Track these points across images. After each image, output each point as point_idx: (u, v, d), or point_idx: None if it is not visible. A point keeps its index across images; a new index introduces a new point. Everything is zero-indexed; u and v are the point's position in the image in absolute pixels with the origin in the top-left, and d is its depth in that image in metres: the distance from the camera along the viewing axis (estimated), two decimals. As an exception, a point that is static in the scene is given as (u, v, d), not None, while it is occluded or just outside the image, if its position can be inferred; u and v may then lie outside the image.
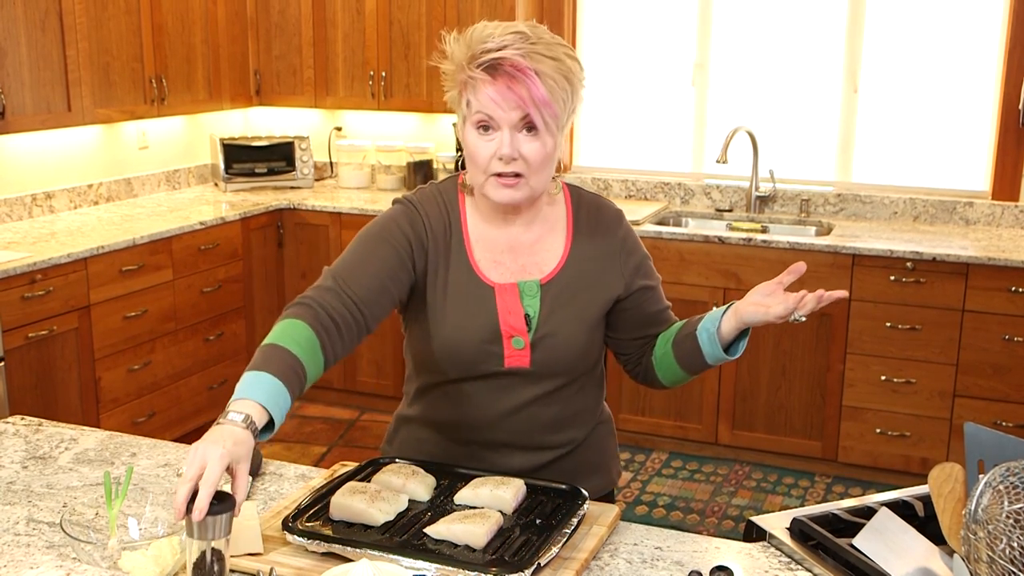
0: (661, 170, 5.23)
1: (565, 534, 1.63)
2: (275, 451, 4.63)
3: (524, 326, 1.83)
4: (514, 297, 1.84)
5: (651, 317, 1.95)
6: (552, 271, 1.86)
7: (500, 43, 1.70)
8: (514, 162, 1.74)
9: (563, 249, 1.88)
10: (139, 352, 4.30)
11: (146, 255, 4.29)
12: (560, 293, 1.85)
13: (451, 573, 1.51)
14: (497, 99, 1.70)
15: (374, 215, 4.90)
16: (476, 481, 1.78)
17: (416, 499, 1.75)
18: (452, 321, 1.84)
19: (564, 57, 1.73)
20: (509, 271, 1.86)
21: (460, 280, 1.85)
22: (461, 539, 1.60)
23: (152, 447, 2.08)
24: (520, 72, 1.68)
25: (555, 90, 1.70)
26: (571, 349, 1.85)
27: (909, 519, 1.66)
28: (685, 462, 4.59)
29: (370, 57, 5.23)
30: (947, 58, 4.66)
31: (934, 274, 4.12)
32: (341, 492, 1.71)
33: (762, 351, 4.44)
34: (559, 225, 1.90)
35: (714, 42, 5.04)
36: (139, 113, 4.71)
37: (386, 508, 1.68)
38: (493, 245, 1.87)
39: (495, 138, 1.73)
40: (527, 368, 1.84)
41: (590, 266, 1.88)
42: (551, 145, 1.75)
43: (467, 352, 1.84)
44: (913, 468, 4.27)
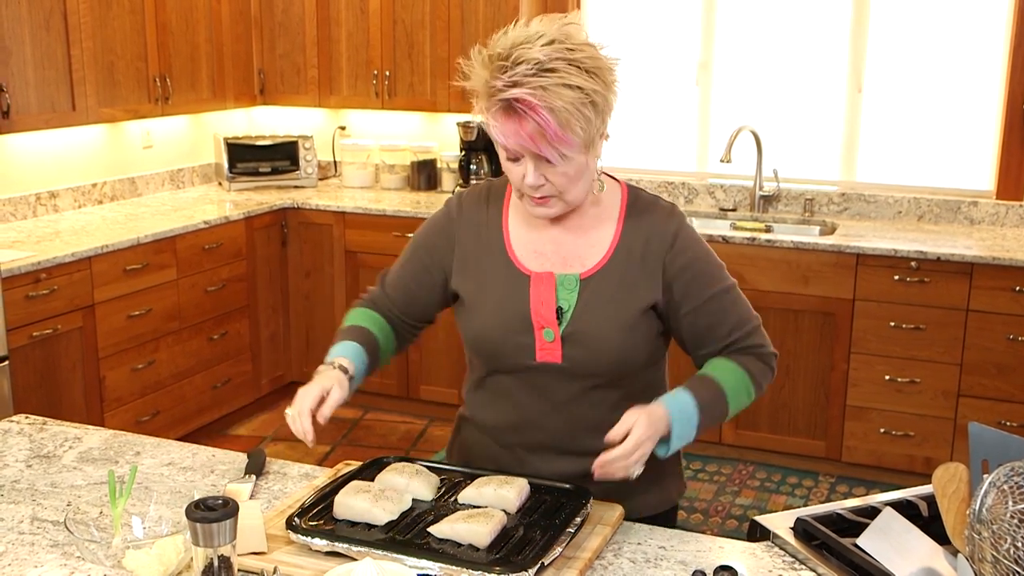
0: (665, 169, 5.22)
1: (569, 533, 1.62)
2: (279, 450, 4.64)
3: (555, 318, 1.80)
4: (550, 288, 1.81)
5: (703, 334, 1.86)
6: (594, 267, 1.82)
7: (510, 79, 1.64)
8: (542, 187, 1.73)
9: (609, 246, 1.83)
10: (143, 351, 4.30)
11: (150, 254, 4.29)
12: (599, 290, 1.81)
13: (455, 572, 1.51)
14: (511, 138, 1.67)
15: (378, 215, 4.92)
16: (480, 480, 1.78)
17: (420, 498, 1.75)
18: (486, 309, 1.85)
19: (587, 80, 1.67)
20: (550, 261, 1.84)
21: (496, 269, 1.85)
22: (465, 538, 1.60)
23: (156, 446, 2.08)
24: (531, 111, 1.63)
25: (571, 122, 1.65)
26: (603, 349, 1.79)
27: (913, 519, 1.66)
28: (689, 461, 4.59)
29: (374, 56, 5.23)
30: (951, 57, 4.65)
31: (938, 274, 4.12)
32: (345, 491, 1.71)
33: (766, 351, 4.43)
34: (609, 221, 1.85)
35: (718, 41, 5.03)
36: (143, 112, 4.71)
37: (390, 507, 1.68)
38: (537, 239, 1.86)
39: (522, 163, 1.72)
40: (559, 364, 1.81)
41: (633, 267, 1.82)
42: (576, 165, 1.72)
43: (498, 341, 1.83)
44: (917, 468, 4.26)
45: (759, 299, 4.37)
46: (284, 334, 5.19)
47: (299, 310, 5.20)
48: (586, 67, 1.68)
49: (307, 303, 5.19)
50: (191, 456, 2.04)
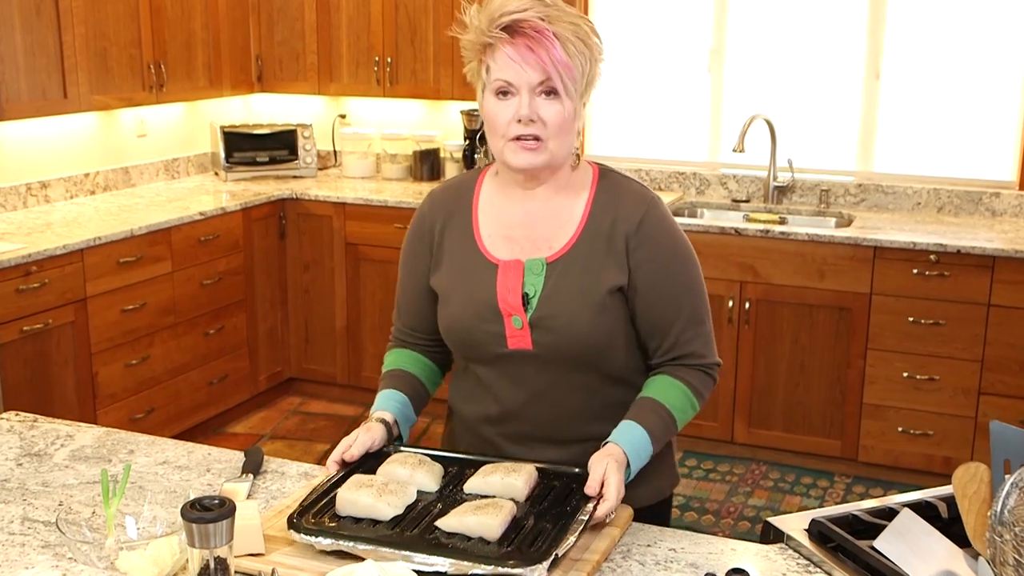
0: (675, 159, 5.22)
1: (581, 522, 1.62)
2: (277, 448, 4.64)
3: (521, 305, 1.84)
4: (516, 275, 1.86)
5: (654, 325, 1.88)
6: (560, 250, 1.86)
7: (519, 7, 1.76)
8: (532, 124, 1.78)
9: (577, 227, 1.87)
10: (137, 346, 4.31)
11: (144, 246, 4.30)
12: (564, 273, 1.85)
13: (467, 567, 1.51)
14: (516, 59, 1.76)
15: (379, 206, 4.92)
16: (486, 468, 1.77)
17: (424, 490, 1.75)
18: (457, 300, 1.90)
19: (582, 23, 1.79)
20: (519, 247, 1.88)
21: (465, 259, 1.91)
22: (474, 532, 1.60)
23: (151, 444, 2.09)
24: (539, 33, 1.75)
25: (574, 53, 1.76)
26: (572, 332, 1.83)
27: (932, 520, 1.66)
28: (700, 461, 4.59)
29: (375, 42, 5.23)
30: (972, 43, 4.63)
31: (959, 267, 4.11)
32: (347, 486, 1.70)
33: (779, 347, 4.43)
34: (579, 199, 1.89)
35: (731, 27, 5.02)
36: (137, 100, 4.71)
37: (394, 501, 1.68)
38: (507, 219, 1.90)
39: (513, 103, 1.78)
40: (530, 351, 1.85)
41: (601, 246, 1.85)
42: (570, 109, 1.79)
43: (469, 331, 1.88)
44: (936, 468, 4.26)
45: (772, 293, 4.37)
46: (282, 329, 5.20)
47: (298, 304, 5.21)
48: (584, 21, 1.81)
49: (306, 297, 5.19)
50: (186, 454, 2.04)
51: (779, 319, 4.42)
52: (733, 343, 4.48)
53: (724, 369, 4.52)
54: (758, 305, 4.42)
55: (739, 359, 4.50)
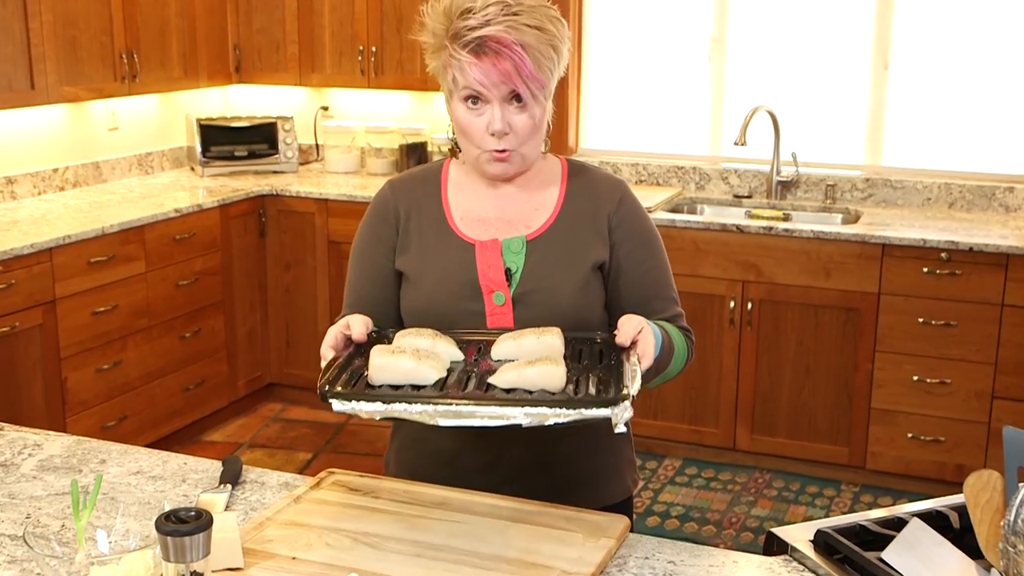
0: (675, 153, 5.23)
1: (635, 369, 1.61)
2: (257, 458, 4.64)
3: (504, 280, 1.89)
4: (496, 253, 1.91)
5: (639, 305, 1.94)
6: (540, 228, 1.94)
7: (483, 18, 1.78)
8: (505, 137, 1.85)
9: (554, 207, 1.96)
10: (109, 351, 4.30)
11: (116, 245, 4.29)
12: (547, 250, 1.92)
13: (545, 415, 1.49)
14: (484, 79, 1.80)
15: (363, 202, 4.91)
16: (509, 334, 1.75)
17: (453, 359, 1.72)
18: (431, 280, 1.93)
19: (548, 24, 1.82)
20: (494, 228, 1.95)
21: (439, 240, 1.95)
22: (536, 384, 1.57)
23: (123, 453, 2.08)
24: (505, 48, 1.78)
25: (541, 61, 1.81)
26: (557, 308, 1.88)
27: (943, 531, 1.66)
28: (701, 469, 4.60)
29: (360, 31, 5.22)
30: (985, 31, 4.65)
31: (971, 265, 4.12)
32: (378, 352, 1.64)
33: (784, 349, 4.44)
34: (552, 185, 1.99)
35: (732, 13, 5.03)
36: (108, 91, 4.70)
37: (436, 365, 1.63)
38: (479, 204, 1.97)
39: (485, 112, 1.84)
40: (511, 329, 1.86)
41: (582, 225, 1.94)
42: (539, 114, 1.87)
43: (447, 309, 1.90)
44: (948, 476, 4.27)
45: (776, 293, 4.38)
46: (262, 331, 5.19)
47: (279, 305, 5.20)
48: (547, 15, 1.84)
49: (287, 298, 5.19)
50: (161, 464, 2.04)
51: (783, 320, 4.42)
52: (735, 345, 4.49)
53: (726, 373, 4.52)
54: (761, 306, 4.43)
55: (741, 362, 4.50)
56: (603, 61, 5.29)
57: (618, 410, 1.51)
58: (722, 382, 4.55)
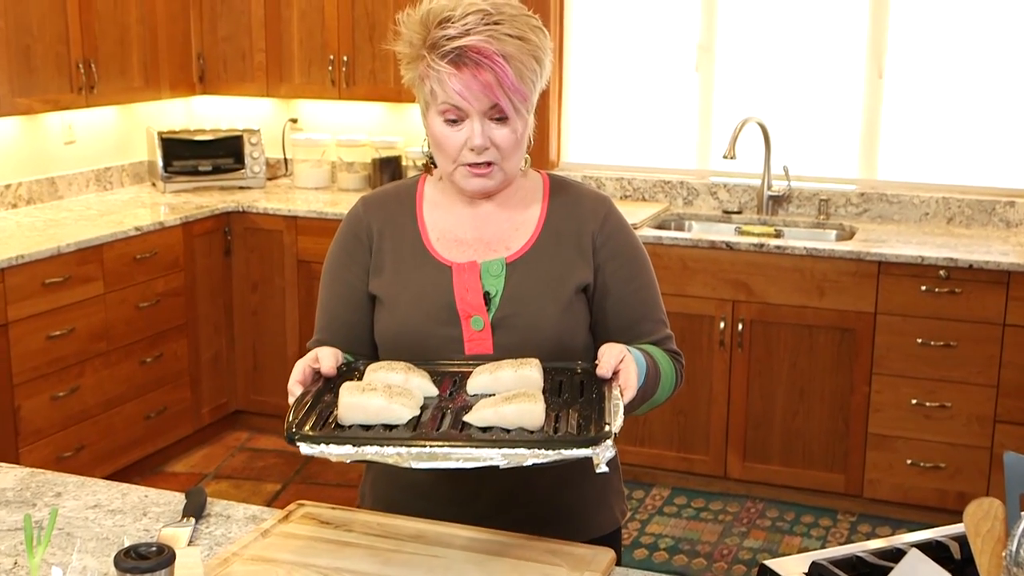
0: (661, 167, 5.24)
1: (618, 404, 1.61)
2: (222, 489, 4.61)
3: (483, 304, 1.89)
4: (474, 276, 1.91)
5: (626, 328, 1.95)
6: (520, 249, 1.94)
7: (462, 28, 1.78)
8: (486, 151, 1.84)
9: (535, 227, 1.95)
10: (65, 377, 4.28)
11: (73, 265, 4.27)
12: (528, 272, 1.92)
13: (523, 457, 1.49)
14: (463, 91, 1.79)
15: (334, 219, 4.91)
16: (487, 366, 1.74)
17: (427, 394, 1.72)
18: (406, 303, 1.92)
19: (530, 34, 1.82)
20: (472, 249, 1.94)
21: (414, 261, 1.95)
22: (514, 422, 1.57)
23: (80, 486, 2.07)
24: (486, 59, 1.77)
25: (524, 72, 1.80)
26: (538, 333, 1.88)
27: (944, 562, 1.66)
28: (690, 499, 4.60)
29: (330, 39, 5.23)
30: (984, 39, 4.69)
31: (971, 283, 4.15)
32: (347, 391, 1.63)
33: (776, 372, 4.45)
34: (533, 203, 1.98)
35: (721, 20, 5.06)
36: (64, 103, 4.69)
37: (408, 403, 1.63)
38: (456, 224, 1.97)
39: (464, 127, 1.83)
40: (490, 355, 1.86)
41: (564, 246, 1.94)
42: (521, 129, 1.86)
43: (423, 335, 1.89)
44: (949, 504, 4.28)
45: (767, 313, 4.39)
46: (228, 356, 5.17)
47: (245, 328, 5.19)
48: (529, 24, 1.84)
49: (254, 320, 5.17)
50: (120, 497, 2.03)
51: (775, 341, 4.44)
52: (725, 368, 4.50)
53: (716, 397, 4.53)
54: (752, 326, 4.44)
55: (732, 386, 4.51)
56: (586, 70, 5.31)
57: (600, 449, 1.51)
58: (712, 407, 4.55)
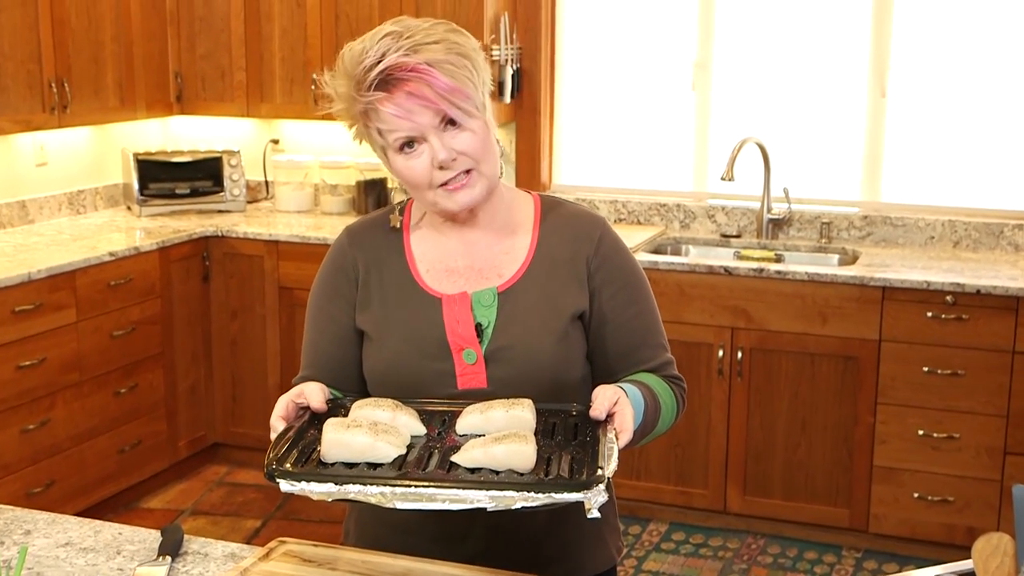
0: (657, 189, 5.26)
1: (613, 447, 1.62)
2: (199, 526, 4.59)
3: (475, 336, 1.89)
4: (465, 307, 1.91)
5: (625, 354, 1.96)
6: (512, 278, 1.93)
7: (378, 53, 1.80)
8: (455, 162, 1.84)
9: (527, 253, 1.95)
10: (35, 409, 4.26)
11: (44, 293, 4.27)
12: (520, 301, 1.91)
13: (512, 499, 1.50)
14: (403, 113, 1.80)
15: (317, 244, 4.91)
16: (478, 405, 1.75)
17: (414, 434, 1.72)
18: (395, 338, 1.92)
19: (448, 35, 1.84)
20: (463, 279, 1.94)
21: (402, 294, 1.94)
22: (503, 463, 1.57)
23: (51, 523, 2.06)
24: (412, 72, 1.79)
25: (456, 72, 1.81)
26: (534, 364, 1.88)
27: (952, 600, 1.66)
28: (688, 534, 4.59)
29: (312, 57, 5.24)
30: (990, 56, 4.71)
31: (979, 309, 4.16)
32: (331, 427, 1.64)
33: (777, 402, 4.45)
34: (524, 227, 1.98)
35: (718, 38, 5.08)
36: (36, 123, 4.69)
37: (395, 441, 1.63)
38: (445, 254, 1.96)
39: (423, 150, 1.83)
40: (484, 390, 1.87)
41: (557, 272, 1.94)
42: (482, 128, 1.85)
43: (414, 370, 1.89)
44: (958, 539, 4.28)
45: (768, 341, 4.40)
46: (206, 387, 5.16)
47: (224, 358, 5.18)
48: (444, 29, 1.86)
49: (233, 349, 5.16)
50: (93, 535, 2.02)
51: (776, 370, 4.44)
52: (724, 398, 4.50)
53: (714, 428, 4.53)
54: (752, 354, 4.44)
55: (731, 416, 4.51)
56: (578, 89, 5.33)
57: (591, 494, 1.52)
58: (711, 439, 4.55)
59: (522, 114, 5.31)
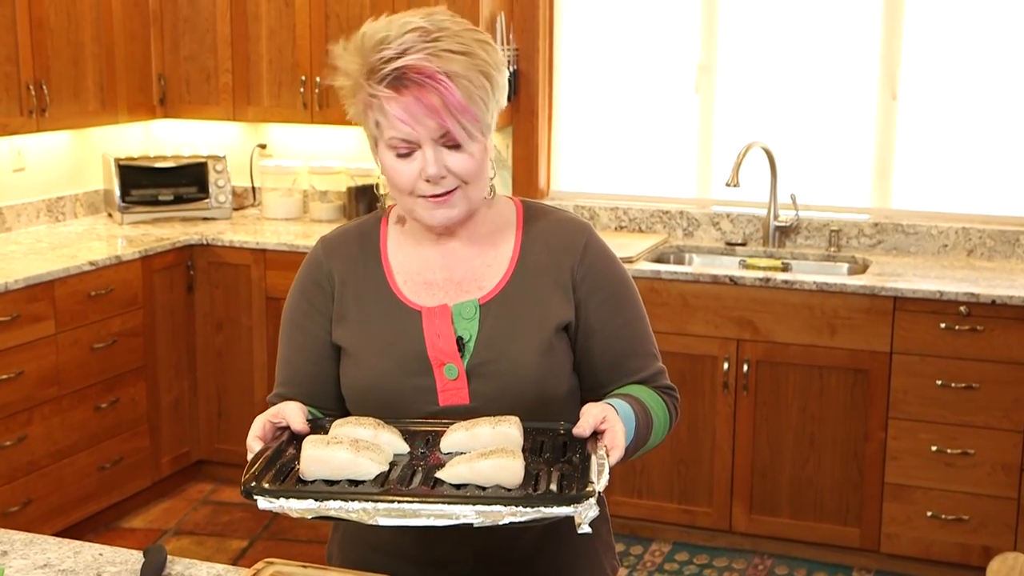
0: (659, 196, 5.26)
1: (603, 463, 1.63)
2: (184, 546, 4.59)
3: (456, 350, 1.88)
4: (445, 320, 1.90)
5: (614, 365, 1.96)
6: (494, 289, 1.93)
7: (400, 47, 1.78)
8: (443, 180, 1.83)
9: (509, 263, 1.95)
10: (12, 424, 4.26)
11: (21, 303, 4.27)
12: (503, 313, 1.91)
13: (499, 515, 1.51)
14: (407, 117, 1.79)
15: (306, 253, 4.88)
16: (463, 423, 1.75)
17: (397, 451, 1.73)
18: (373, 354, 1.91)
19: (476, 48, 1.82)
20: (443, 291, 1.94)
21: (379, 307, 1.94)
22: (490, 479, 1.58)
23: (28, 543, 2.06)
24: (429, 79, 1.77)
25: (472, 91, 1.79)
26: (518, 379, 1.88)
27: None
28: (693, 554, 4.59)
29: (301, 59, 5.25)
30: (1005, 57, 4.72)
31: (994, 320, 4.16)
32: (311, 444, 1.64)
33: (785, 416, 4.45)
34: (506, 236, 1.98)
35: (722, 39, 5.09)
36: (13, 127, 4.70)
37: (377, 458, 1.64)
38: (423, 266, 1.96)
39: (416, 158, 1.82)
40: (467, 406, 1.87)
41: (540, 282, 1.93)
42: (479, 152, 1.84)
43: (393, 387, 1.89)
44: (973, 559, 4.28)
45: (775, 353, 4.40)
46: (190, 401, 5.16)
47: (209, 371, 5.17)
48: (474, 38, 1.83)
49: (219, 362, 5.16)
50: (73, 555, 2.02)
51: (783, 384, 4.44)
52: (729, 412, 4.50)
53: (719, 444, 4.53)
54: (759, 367, 4.45)
55: (737, 431, 4.51)
56: (577, 92, 5.34)
57: (582, 508, 1.53)
58: (715, 455, 4.55)
59: (519, 118, 5.32)
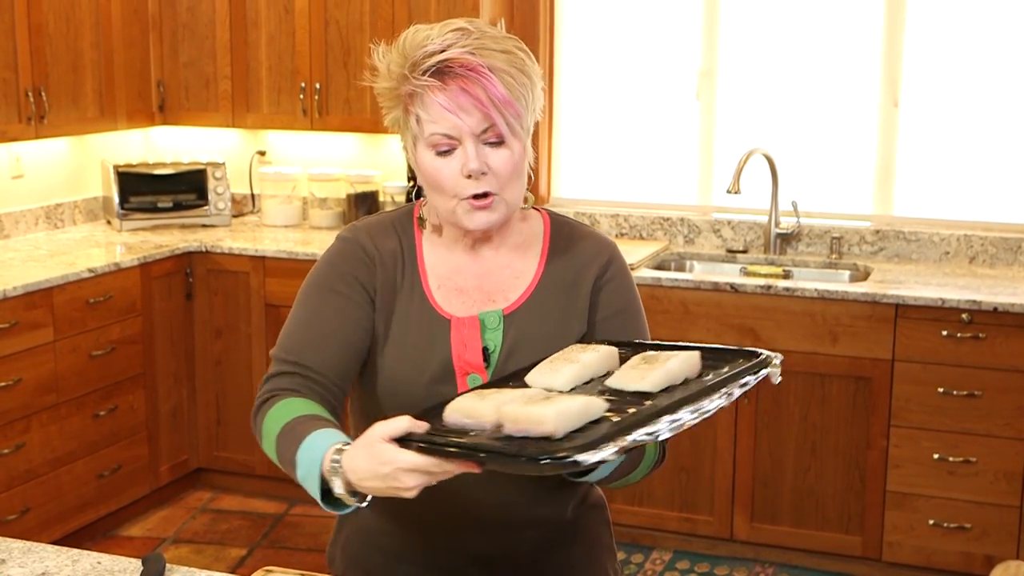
0: (659, 203, 5.26)
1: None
2: (182, 555, 4.58)
3: (482, 361, 1.89)
4: (474, 330, 1.91)
5: None
6: (517, 300, 1.94)
7: (443, 43, 1.81)
8: (484, 177, 1.82)
9: (534, 275, 1.96)
10: (9, 432, 4.26)
11: (20, 310, 4.26)
12: (525, 325, 1.92)
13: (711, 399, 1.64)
14: (452, 107, 1.79)
15: (305, 260, 4.91)
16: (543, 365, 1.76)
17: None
18: (401, 352, 1.91)
19: (515, 50, 1.86)
20: (473, 300, 1.94)
21: (412, 315, 1.93)
22: (679, 374, 1.69)
23: (26, 552, 2.06)
24: (472, 71, 1.79)
25: (514, 86, 1.82)
26: None
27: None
28: (694, 563, 4.59)
29: (301, 65, 5.25)
30: (1007, 63, 4.72)
31: (996, 328, 4.16)
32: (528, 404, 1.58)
33: (786, 424, 4.45)
34: (533, 249, 1.98)
35: (723, 45, 5.10)
36: (12, 134, 4.70)
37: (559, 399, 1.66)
38: (456, 272, 1.96)
39: (456, 155, 1.83)
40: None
41: (561, 296, 1.95)
42: (519, 152, 1.85)
43: (416, 394, 1.88)
44: (975, 568, 4.28)
45: (778, 361, 4.38)
46: (189, 409, 5.15)
47: (208, 378, 5.17)
48: (514, 44, 1.88)
49: (218, 370, 5.16)
50: (71, 564, 2.01)
51: (785, 392, 4.44)
52: (731, 420, 4.49)
53: (721, 452, 4.53)
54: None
55: (738, 440, 4.51)
56: (578, 99, 5.34)
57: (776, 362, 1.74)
58: (717, 463, 4.55)
59: (519, 124, 5.30)
